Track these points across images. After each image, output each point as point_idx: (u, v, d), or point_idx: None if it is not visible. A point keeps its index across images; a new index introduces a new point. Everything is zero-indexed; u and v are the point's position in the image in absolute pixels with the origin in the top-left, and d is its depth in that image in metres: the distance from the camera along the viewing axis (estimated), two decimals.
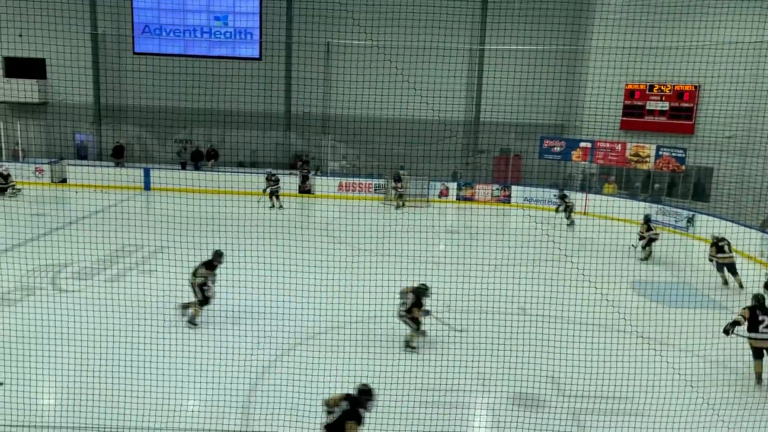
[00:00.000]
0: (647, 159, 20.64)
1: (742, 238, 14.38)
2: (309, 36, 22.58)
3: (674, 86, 21.12)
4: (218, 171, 22.37)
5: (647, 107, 21.75)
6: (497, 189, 22.78)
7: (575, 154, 22.02)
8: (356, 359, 8.42)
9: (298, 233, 12.57)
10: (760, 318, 8.85)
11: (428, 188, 22.46)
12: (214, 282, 10.20)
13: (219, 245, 10.62)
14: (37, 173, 22.34)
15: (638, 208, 19.51)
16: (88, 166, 22.22)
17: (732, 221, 16.70)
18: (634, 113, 22.02)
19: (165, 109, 20.57)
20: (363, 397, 6.27)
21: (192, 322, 9.99)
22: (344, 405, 6.10)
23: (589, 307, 10.06)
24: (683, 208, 19.50)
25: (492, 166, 24.43)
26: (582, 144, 21.95)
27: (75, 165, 22.69)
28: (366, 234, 13.30)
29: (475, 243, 13.54)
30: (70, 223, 16.18)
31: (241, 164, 23.74)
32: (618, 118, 22.20)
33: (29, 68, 24.45)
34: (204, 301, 10.08)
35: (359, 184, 22.90)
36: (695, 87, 20.73)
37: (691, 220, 18.75)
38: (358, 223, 14.97)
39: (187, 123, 22.37)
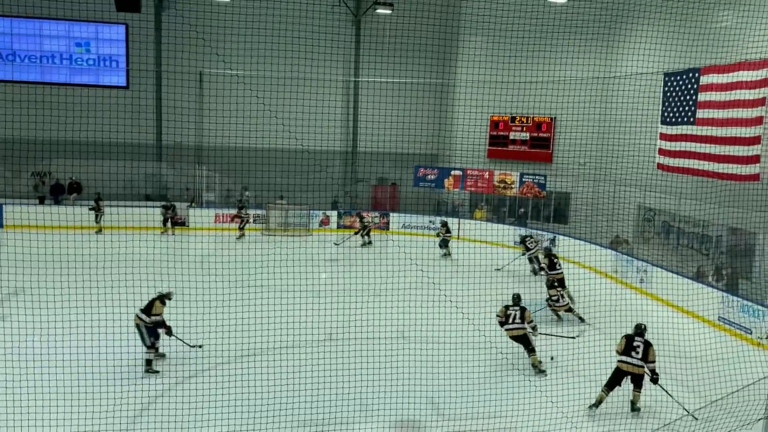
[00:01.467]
0: (512, 185, 22.10)
1: (596, 257, 15.73)
2: (180, 65, 21.94)
3: (533, 117, 22.86)
4: (81, 205, 20.98)
5: (510, 137, 23.34)
6: (376, 217, 23.26)
7: (447, 182, 23.11)
8: (232, 398, 8.19)
9: (170, 268, 12.05)
10: (555, 261, 13.94)
11: (309, 217, 22.48)
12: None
13: (85, 286, 9.93)
14: None
15: (506, 231, 20.77)
16: None
17: (588, 241, 18.23)
18: (499, 143, 23.52)
19: (19, 140, 19.00)
20: None
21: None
22: None
23: (462, 330, 10.51)
24: (546, 231, 21.02)
25: (371, 194, 24.95)
26: (453, 172, 23.08)
27: None
28: (244, 266, 13.05)
29: (355, 270, 13.73)
30: None
31: (148, 197, 22.61)
32: (485, 147, 23.62)
33: None
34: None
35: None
36: (551, 118, 22.58)
37: (553, 242, 20.21)
38: (235, 255, 14.66)
39: (46, 155, 20.80)
